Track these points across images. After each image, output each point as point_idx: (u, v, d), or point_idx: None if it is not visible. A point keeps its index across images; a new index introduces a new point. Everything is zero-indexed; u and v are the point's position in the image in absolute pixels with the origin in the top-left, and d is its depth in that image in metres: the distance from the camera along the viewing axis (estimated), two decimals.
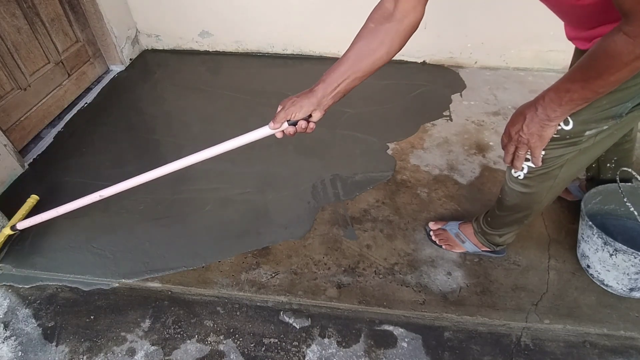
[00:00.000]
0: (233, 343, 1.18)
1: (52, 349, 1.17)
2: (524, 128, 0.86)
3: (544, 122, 0.83)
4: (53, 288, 1.32)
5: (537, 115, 0.83)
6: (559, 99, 0.78)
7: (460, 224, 1.38)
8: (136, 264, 1.36)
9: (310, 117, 0.93)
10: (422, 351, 1.16)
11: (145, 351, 1.16)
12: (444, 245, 1.38)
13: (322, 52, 2.52)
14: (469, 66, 2.42)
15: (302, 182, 1.66)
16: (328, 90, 0.91)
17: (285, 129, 0.95)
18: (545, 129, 0.84)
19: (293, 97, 0.93)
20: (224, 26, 2.47)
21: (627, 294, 1.23)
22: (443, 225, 1.41)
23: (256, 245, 1.42)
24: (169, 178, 1.69)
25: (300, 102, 0.92)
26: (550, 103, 0.80)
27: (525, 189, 1.05)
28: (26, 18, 1.82)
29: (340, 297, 1.26)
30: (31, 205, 1.49)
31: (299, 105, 0.91)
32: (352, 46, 0.94)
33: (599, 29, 0.80)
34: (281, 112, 0.93)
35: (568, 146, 0.91)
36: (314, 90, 0.92)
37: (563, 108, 0.79)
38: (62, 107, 2.07)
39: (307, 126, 0.94)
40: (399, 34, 0.90)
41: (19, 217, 1.42)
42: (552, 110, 0.80)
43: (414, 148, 1.82)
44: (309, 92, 0.92)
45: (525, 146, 0.89)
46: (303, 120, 0.93)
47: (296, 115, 0.92)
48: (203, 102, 2.16)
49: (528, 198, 1.08)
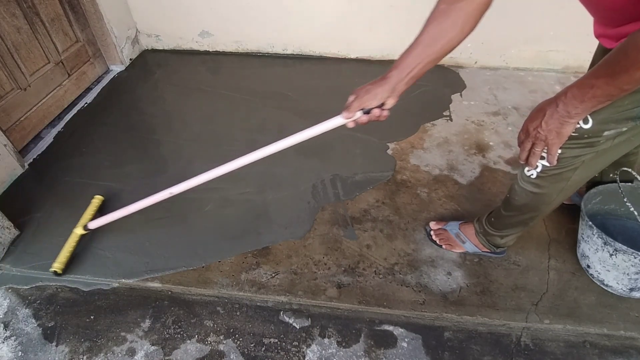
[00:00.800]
0: (233, 343, 1.18)
1: (52, 349, 1.17)
2: (543, 124, 0.84)
3: (564, 119, 0.82)
4: (53, 288, 1.32)
5: (558, 111, 0.81)
6: (581, 95, 0.77)
7: (461, 224, 1.38)
8: (136, 264, 1.36)
9: (383, 104, 0.92)
10: (422, 351, 1.15)
11: (145, 351, 1.16)
12: (444, 245, 1.38)
13: (322, 52, 2.52)
14: (469, 66, 2.42)
15: (302, 182, 1.66)
16: (402, 76, 0.90)
17: (359, 118, 0.94)
18: (564, 126, 0.83)
19: (366, 86, 0.93)
20: (224, 26, 2.47)
21: (627, 294, 1.23)
22: (444, 225, 1.41)
23: (256, 245, 1.42)
24: (169, 178, 1.70)
25: (375, 90, 0.91)
26: (572, 99, 0.79)
27: (537, 189, 1.04)
28: (26, 18, 1.82)
29: (340, 297, 1.26)
30: (97, 205, 1.50)
31: (373, 94, 0.91)
32: (424, 29, 0.90)
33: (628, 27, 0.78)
34: (355, 102, 0.92)
35: (585, 147, 0.89)
36: (388, 77, 0.90)
37: (585, 104, 0.78)
38: (62, 107, 2.07)
39: (380, 114, 0.93)
40: (471, 12, 0.88)
41: (88, 217, 1.44)
42: (573, 106, 0.79)
43: (414, 148, 1.82)
44: (382, 79, 0.91)
45: (543, 143, 0.88)
46: (377, 108, 0.92)
47: (371, 104, 0.91)
48: (203, 102, 2.16)
49: (538, 199, 1.07)
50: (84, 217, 1.44)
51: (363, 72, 2.38)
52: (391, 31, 2.33)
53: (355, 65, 2.45)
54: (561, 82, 2.25)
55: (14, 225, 1.43)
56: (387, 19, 2.28)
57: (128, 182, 1.67)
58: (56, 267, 1.29)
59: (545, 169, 0.98)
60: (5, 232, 1.40)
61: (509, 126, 1.96)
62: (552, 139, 0.86)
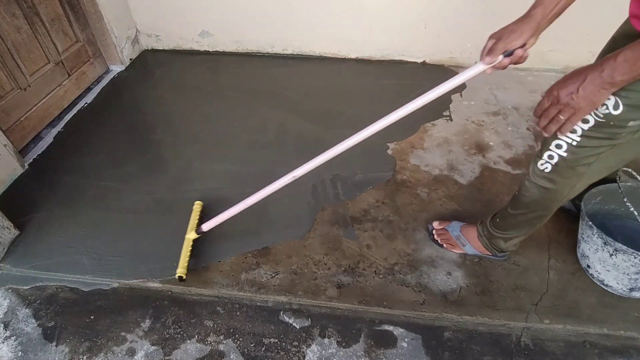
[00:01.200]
0: (233, 343, 1.18)
1: (52, 349, 1.17)
2: (580, 90, 0.78)
3: (605, 85, 0.76)
4: (53, 288, 1.32)
5: (602, 76, 0.75)
6: (635, 59, 0.71)
7: (462, 227, 1.37)
8: (136, 264, 1.36)
9: (524, 45, 0.87)
10: (422, 351, 1.15)
11: (145, 351, 1.16)
12: (445, 245, 1.37)
13: (322, 52, 2.52)
14: (469, 66, 2.41)
15: (302, 182, 1.66)
16: (547, 12, 0.86)
17: (499, 62, 0.89)
18: (601, 93, 0.77)
19: (509, 26, 0.88)
20: (224, 26, 2.47)
21: (627, 294, 1.23)
22: (446, 226, 1.40)
23: (256, 245, 1.42)
24: (168, 178, 1.70)
25: (519, 29, 0.86)
26: (623, 63, 0.73)
27: (549, 184, 1.01)
28: (26, 18, 1.82)
29: (340, 297, 1.26)
30: (198, 210, 1.49)
31: (519, 32, 0.86)
32: None
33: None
34: (500, 43, 0.87)
35: (606, 137, 0.87)
36: (531, 15, 0.86)
37: (636, 71, 0.72)
38: (62, 107, 2.07)
39: (523, 54, 0.88)
40: None
41: (194, 223, 1.41)
42: (621, 72, 0.73)
43: (414, 148, 1.82)
44: (526, 17, 0.87)
45: (572, 110, 0.81)
46: (519, 48, 0.87)
47: (516, 43, 0.86)
48: (203, 102, 2.16)
49: (549, 195, 1.05)
50: (190, 223, 1.42)
51: (363, 72, 2.38)
52: (391, 31, 2.33)
53: (355, 65, 2.45)
54: None
55: (14, 225, 1.43)
56: (387, 19, 2.28)
57: (128, 182, 1.67)
58: (180, 272, 1.28)
59: (561, 160, 0.95)
60: (5, 232, 1.40)
61: (509, 126, 1.96)
62: (584, 107, 0.80)
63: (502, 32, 0.88)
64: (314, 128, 1.94)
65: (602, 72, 0.75)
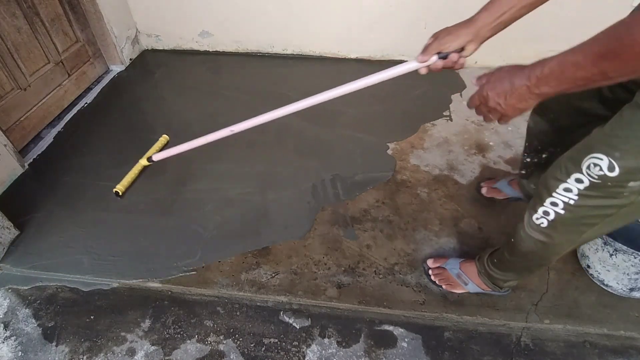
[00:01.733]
0: (233, 343, 1.18)
1: (52, 349, 1.17)
2: (507, 97, 0.73)
3: (532, 95, 0.70)
4: (53, 288, 1.32)
5: (529, 86, 0.70)
6: (561, 74, 0.66)
7: (462, 263, 1.26)
8: (136, 264, 1.36)
9: (463, 49, 0.85)
10: (422, 351, 1.15)
11: (145, 351, 1.16)
12: (444, 285, 1.26)
13: (322, 52, 2.52)
14: (469, 66, 2.41)
15: (302, 182, 1.66)
16: (490, 19, 0.81)
17: (433, 64, 0.87)
18: (527, 103, 0.72)
19: (450, 27, 0.85)
20: (224, 26, 2.47)
21: (627, 294, 1.23)
22: (443, 264, 1.29)
23: (256, 245, 1.42)
24: (168, 178, 1.70)
25: (457, 31, 0.83)
26: (549, 76, 0.67)
27: (546, 238, 0.91)
28: (26, 18, 1.82)
29: (340, 297, 1.26)
30: (163, 143, 1.54)
31: (455, 35, 0.83)
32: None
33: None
34: (433, 43, 0.85)
35: (606, 197, 0.77)
36: (474, 19, 0.83)
37: (561, 86, 0.67)
38: (62, 107, 2.07)
39: (457, 60, 0.86)
40: None
41: (153, 151, 1.48)
42: (547, 85, 0.68)
43: (414, 148, 1.82)
44: (467, 21, 0.84)
45: (499, 114, 0.77)
46: (455, 52, 0.84)
47: (450, 46, 0.84)
48: (203, 102, 2.16)
49: (547, 249, 0.95)
50: (149, 151, 1.48)
51: (363, 72, 2.36)
52: (391, 31, 2.33)
53: (355, 65, 2.45)
54: None
55: (14, 225, 1.43)
56: (387, 19, 2.28)
57: None
58: (118, 188, 1.32)
59: (558, 218, 0.85)
60: (5, 232, 1.40)
61: (509, 126, 1.95)
62: (511, 114, 0.76)
63: (440, 33, 0.86)
64: (314, 128, 1.94)
65: (529, 81, 0.69)
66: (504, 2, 0.81)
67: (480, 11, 0.83)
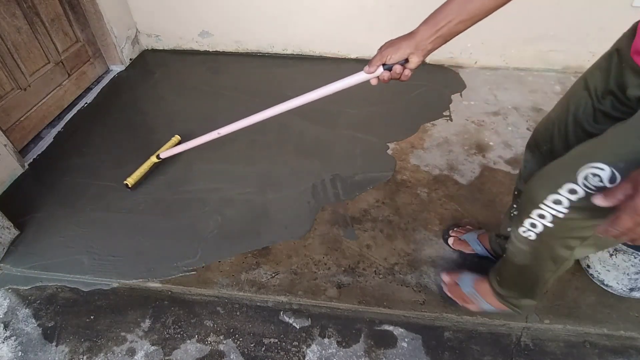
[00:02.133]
0: (233, 343, 1.18)
1: (52, 349, 1.17)
2: None
3: None
4: (53, 288, 1.32)
5: None
6: None
7: (476, 281, 1.18)
8: (136, 264, 1.36)
9: (407, 62, 0.86)
10: (422, 351, 1.16)
11: (145, 351, 1.16)
12: (459, 302, 1.20)
13: (322, 52, 2.52)
14: (469, 66, 2.42)
15: (302, 182, 1.66)
16: (428, 33, 0.82)
17: (380, 75, 0.89)
18: None
19: (395, 39, 0.87)
20: (224, 26, 2.47)
21: (627, 294, 1.23)
22: (457, 278, 1.23)
23: (256, 245, 1.42)
24: (169, 178, 1.70)
25: (399, 44, 0.85)
26: None
27: (535, 252, 0.87)
28: (26, 18, 1.82)
29: (340, 297, 1.26)
30: (174, 142, 1.68)
31: (396, 47, 0.85)
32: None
33: None
34: (377, 55, 0.88)
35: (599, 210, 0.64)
36: (415, 32, 0.84)
37: None
38: (62, 107, 2.07)
39: (402, 72, 0.87)
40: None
41: (164, 149, 1.60)
42: None
43: (414, 148, 1.82)
44: (409, 33, 0.85)
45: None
46: (399, 64, 0.86)
47: (392, 58, 0.86)
48: (203, 102, 2.16)
49: (538, 264, 0.90)
50: (160, 149, 1.59)
51: None
52: (391, 31, 2.30)
53: (355, 65, 2.45)
54: (561, 82, 2.25)
55: (14, 225, 1.43)
56: (387, 19, 2.28)
57: None
58: (128, 181, 1.41)
59: (546, 230, 0.79)
60: (5, 232, 1.40)
61: (509, 126, 1.96)
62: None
63: (384, 45, 0.88)
64: (314, 128, 1.94)
65: None
66: (441, 16, 0.81)
67: (421, 24, 0.84)
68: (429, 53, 0.85)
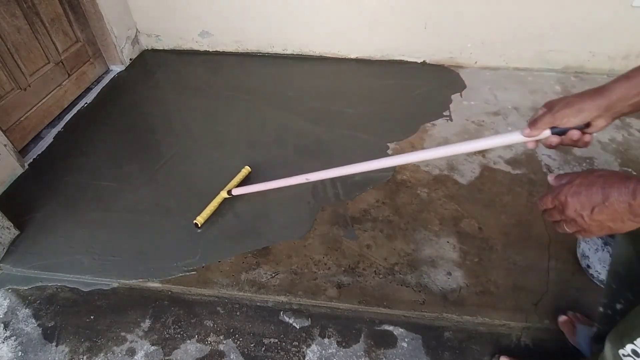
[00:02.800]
0: (233, 343, 1.18)
1: (52, 349, 1.17)
2: (596, 212, 0.57)
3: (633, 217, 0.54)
4: (53, 288, 1.32)
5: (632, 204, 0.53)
6: None
7: None
8: (136, 264, 1.36)
9: (588, 125, 0.67)
10: (422, 351, 1.16)
11: (145, 351, 1.16)
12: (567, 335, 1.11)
13: (322, 52, 2.52)
14: (469, 66, 2.42)
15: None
16: (631, 93, 0.63)
17: (545, 139, 0.70)
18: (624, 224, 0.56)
19: (571, 96, 0.67)
20: (224, 26, 2.47)
21: None
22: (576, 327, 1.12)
23: (256, 245, 1.42)
24: (168, 178, 1.70)
25: (580, 104, 0.66)
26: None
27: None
28: (26, 18, 1.82)
29: (340, 297, 1.26)
30: (244, 174, 1.62)
31: (577, 108, 0.66)
32: None
33: None
34: (546, 116, 0.68)
35: None
36: (607, 89, 0.64)
37: None
38: (62, 107, 2.07)
39: (579, 138, 0.67)
40: None
41: (234, 184, 1.56)
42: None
43: (414, 148, 1.82)
44: (597, 90, 0.65)
45: (578, 227, 0.61)
46: (576, 129, 0.67)
47: (568, 122, 0.66)
48: (203, 102, 2.16)
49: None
50: (231, 183, 1.54)
51: (363, 72, 2.38)
52: (391, 31, 2.33)
53: (355, 65, 2.45)
54: (561, 82, 2.25)
55: (14, 225, 1.43)
56: (387, 19, 2.28)
57: (128, 182, 1.67)
58: (198, 220, 1.38)
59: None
60: (5, 232, 1.40)
61: (509, 126, 1.96)
62: (595, 231, 0.60)
63: (556, 102, 0.69)
64: (314, 128, 1.94)
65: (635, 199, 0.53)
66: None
67: (619, 79, 0.65)
68: (620, 117, 0.67)
